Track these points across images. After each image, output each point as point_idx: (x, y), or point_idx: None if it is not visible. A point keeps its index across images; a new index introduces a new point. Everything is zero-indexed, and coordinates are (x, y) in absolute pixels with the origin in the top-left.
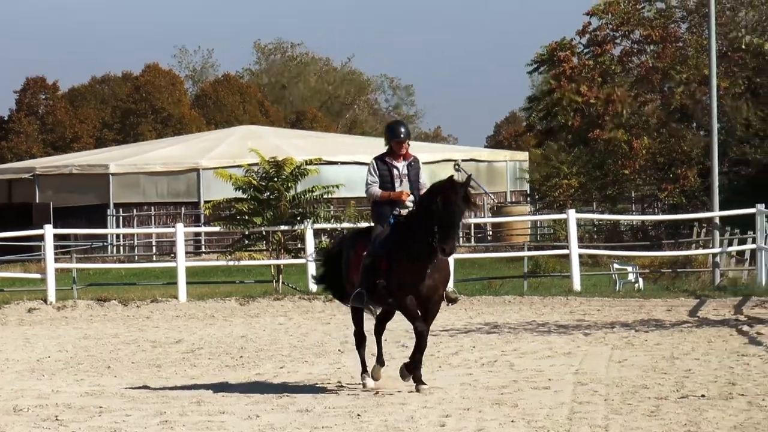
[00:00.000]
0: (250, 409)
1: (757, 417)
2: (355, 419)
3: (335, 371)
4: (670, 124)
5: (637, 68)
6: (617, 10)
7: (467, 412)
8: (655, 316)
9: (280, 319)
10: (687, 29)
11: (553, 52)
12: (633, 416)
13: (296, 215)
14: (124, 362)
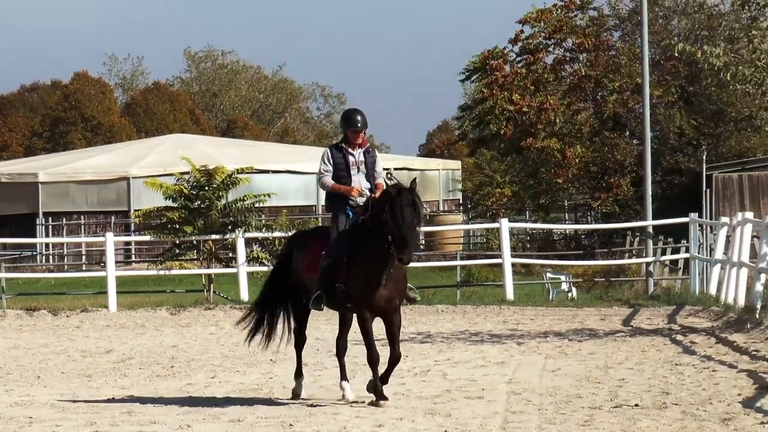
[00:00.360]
0: (182, 420)
1: (691, 426)
2: (287, 429)
3: (267, 381)
4: (603, 132)
5: (569, 76)
6: (549, 19)
7: (400, 422)
8: (589, 326)
9: (211, 328)
10: (620, 37)
11: (486, 61)
12: (567, 426)
13: (227, 224)
14: (54, 372)
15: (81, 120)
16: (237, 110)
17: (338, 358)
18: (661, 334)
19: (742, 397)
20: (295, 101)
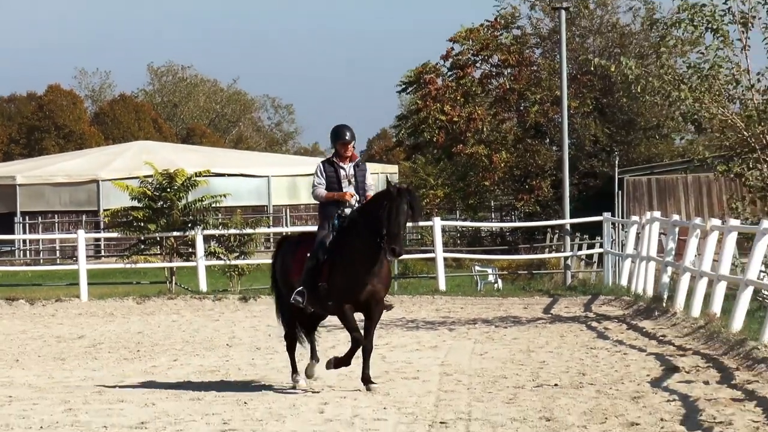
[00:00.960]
0: (147, 398)
1: (605, 404)
2: (242, 407)
3: (224, 363)
4: (526, 140)
5: (495, 89)
6: (477, 37)
7: (344, 400)
8: (513, 313)
9: (173, 316)
10: (540, 54)
11: (420, 75)
12: (493, 403)
13: (187, 222)
14: (31, 356)
15: (54, 128)
16: (195, 120)
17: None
18: (577, 321)
19: (650, 377)
20: (248, 111)
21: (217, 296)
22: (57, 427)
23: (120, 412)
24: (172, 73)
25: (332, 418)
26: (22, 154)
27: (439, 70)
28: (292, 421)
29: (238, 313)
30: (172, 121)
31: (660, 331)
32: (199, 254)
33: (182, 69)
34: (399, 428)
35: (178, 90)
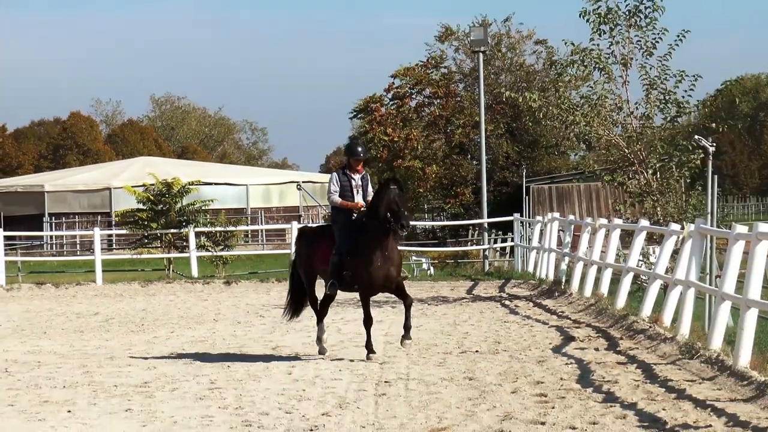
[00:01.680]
0: (149, 362)
1: (516, 366)
2: (226, 369)
3: (211, 335)
4: (452, 156)
5: (427, 116)
6: (413, 74)
7: (308, 364)
8: (442, 294)
9: (170, 297)
10: (463, 87)
11: (368, 104)
12: (427, 366)
13: (182, 221)
14: (56, 329)
15: (75, 146)
16: (188, 140)
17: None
18: (494, 300)
19: (552, 345)
20: (231, 133)
21: (206, 281)
22: (77, 386)
23: (128, 374)
24: (170, 102)
25: (298, 378)
26: (49, 167)
27: (382, 101)
28: (266, 381)
29: (222, 294)
30: (170, 141)
31: (559, 308)
32: (191, 247)
33: (178, 99)
34: (351, 386)
35: (175, 116)
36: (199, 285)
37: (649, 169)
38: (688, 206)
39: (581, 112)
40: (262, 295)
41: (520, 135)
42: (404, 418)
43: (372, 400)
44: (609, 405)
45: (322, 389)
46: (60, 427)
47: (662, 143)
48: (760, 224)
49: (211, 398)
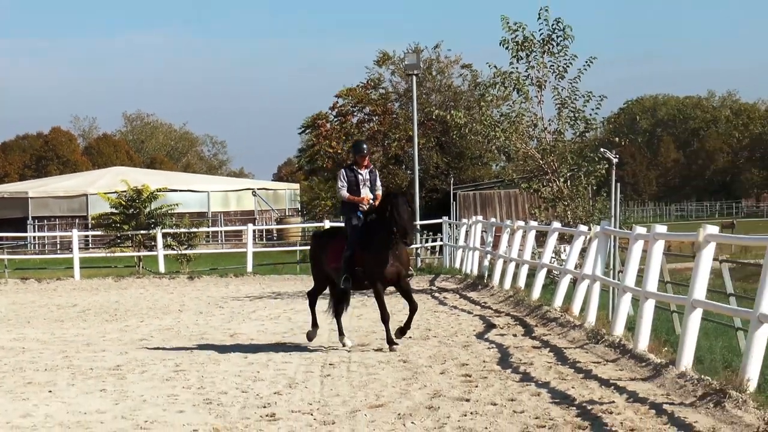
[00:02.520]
0: (122, 348)
1: (444, 350)
2: (189, 353)
3: (176, 324)
4: (389, 166)
5: (367, 131)
6: (355, 94)
7: (261, 349)
8: None
9: (140, 290)
10: (399, 106)
11: (314, 120)
12: (366, 350)
13: (150, 223)
14: (38, 319)
15: (56, 157)
16: (156, 151)
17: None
18: (425, 293)
19: (476, 332)
20: (194, 146)
21: (172, 276)
22: (57, 369)
23: (102, 358)
24: (140, 118)
25: (253, 361)
26: (33, 176)
27: (327, 117)
28: (225, 364)
29: (186, 288)
30: (140, 153)
31: (482, 300)
32: (159, 246)
33: (147, 116)
34: (300, 368)
35: (144, 131)
36: (166, 280)
37: (561, 178)
38: (594, 210)
39: (502, 128)
40: (221, 288)
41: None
42: (346, 396)
43: (318, 380)
44: (525, 384)
45: (274, 371)
46: (42, 405)
47: (572, 155)
48: (656, 226)
49: (176, 379)
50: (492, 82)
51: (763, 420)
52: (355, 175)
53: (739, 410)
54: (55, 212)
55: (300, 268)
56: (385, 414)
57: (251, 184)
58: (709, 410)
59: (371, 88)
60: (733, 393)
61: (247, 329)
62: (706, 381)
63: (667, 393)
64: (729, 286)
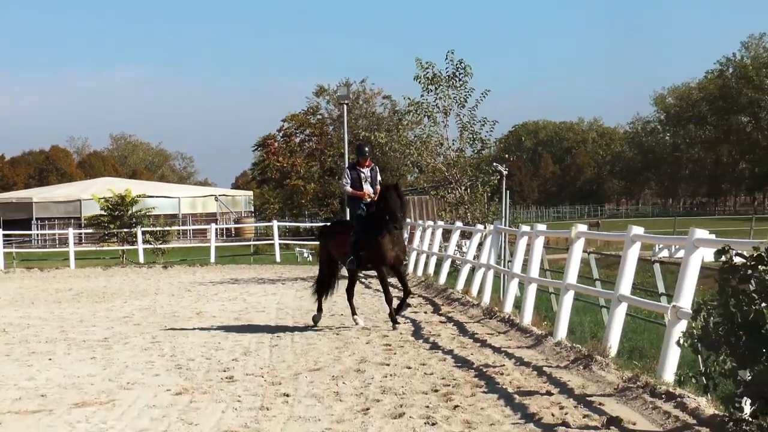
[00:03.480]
0: (108, 324)
1: (369, 324)
2: (164, 328)
3: (153, 304)
4: (325, 177)
5: (307, 149)
6: (297, 119)
7: (223, 324)
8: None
9: (124, 277)
10: (333, 129)
11: (265, 140)
12: (306, 324)
13: (132, 223)
14: (41, 300)
15: (55, 170)
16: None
17: (349, 301)
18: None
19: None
20: (168, 160)
21: (149, 265)
22: (56, 341)
23: (93, 332)
24: (124, 138)
25: (215, 334)
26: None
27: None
28: (193, 336)
29: (161, 275)
30: (124, 166)
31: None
32: (139, 241)
33: (129, 136)
34: (253, 340)
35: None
36: (145, 269)
37: (462, 186)
38: (489, 212)
39: (415, 146)
40: (190, 276)
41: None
42: (290, 361)
43: (267, 349)
44: (434, 351)
45: (232, 342)
46: (43, 371)
47: (471, 168)
48: (538, 225)
49: (153, 349)
50: (407, 110)
51: (621, 378)
52: (357, 173)
53: (603, 371)
54: (55, 214)
55: (253, 259)
56: (321, 376)
57: (214, 191)
58: (579, 371)
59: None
60: (598, 357)
61: (211, 308)
62: (577, 348)
63: (546, 358)
64: (595, 273)
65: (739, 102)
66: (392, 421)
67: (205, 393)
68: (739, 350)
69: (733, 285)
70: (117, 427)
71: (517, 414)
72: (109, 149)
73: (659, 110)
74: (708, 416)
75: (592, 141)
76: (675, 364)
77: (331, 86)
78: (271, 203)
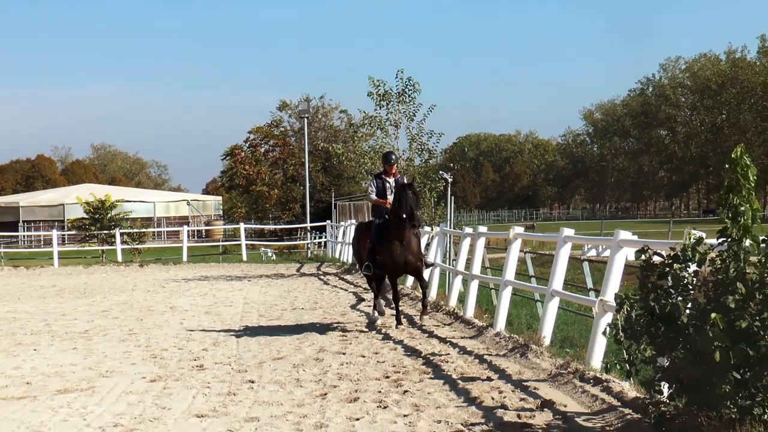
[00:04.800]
0: (88, 317)
1: (328, 317)
2: (139, 322)
3: (130, 299)
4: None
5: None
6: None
7: (194, 318)
8: (280, 272)
9: (104, 275)
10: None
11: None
12: (270, 318)
13: (111, 225)
14: (27, 296)
15: (40, 177)
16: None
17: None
18: (314, 276)
19: (350, 304)
20: (144, 168)
21: (127, 264)
22: (40, 333)
23: (74, 325)
24: (104, 148)
25: (187, 327)
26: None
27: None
28: (166, 328)
29: (138, 273)
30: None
31: (355, 281)
32: (117, 242)
33: (108, 146)
34: (222, 331)
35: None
36: (122, 267)
37: None
38: (436, 215)
39: (369, 156)
40: (164, 273)
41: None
42: (255, 351)
43: (234, 341)
44: (386, 342)
45: (202, 334)
46: (29, 360)
47: (420, 176)
48: (479, 227)
49: (129, 340)
50: (361, 123)
51: (554, 365)
52: (383, 182)
53: (538, 359)
54: (40, 217)
55: (222, 258)
56: (284, 364)
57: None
58: (516, 359)
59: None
60: (533, 346)
61: (183, 303)
62: (514, 338)
63: (487, 347)
64: (531, 270)
65: (658, 117)
66: (348, 405)
67: (177, 380)
68: (657, 339)
69: (652, 281)
70: (96, 411)
71: (460, 398)
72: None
73: (588, 124)
74: (631, 399)
75: (528, 151)
76: (602, 352)
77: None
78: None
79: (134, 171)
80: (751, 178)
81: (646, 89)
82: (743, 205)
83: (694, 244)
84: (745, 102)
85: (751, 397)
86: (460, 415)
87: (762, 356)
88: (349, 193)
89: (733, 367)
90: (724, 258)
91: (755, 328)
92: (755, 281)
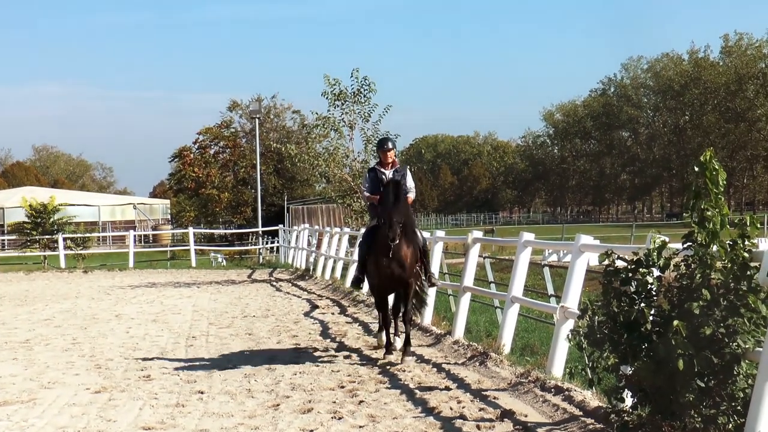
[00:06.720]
0: (30, 326)
1: (281, 325)
2: (84, 330)
3: (74, 307)
4: (238, 186)
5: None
6: (212, 132)
7: (140, 326)
8: (231, 278)
9: (45, 281)
10: (245, 141)
11: (181, 152)
12: (219, 326)
13: (54, 230)
14: None
15: None
16: (59, 175)
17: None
18: (266, 282)
19: (304, 311)
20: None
21: (70, 270)
22: None
23: (15, 334)
24: (46, 149)
25: (133, 336)
26: None
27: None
28: (111, 337)
29: (82, 279)
30: (46, 176)
31: (308, 287)
32: (60, 247)
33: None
34: (170, 341)
35: (49, 159)
36: (66, 273)
37: None
38: None
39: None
40: (109, 280)
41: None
42: (205, 360)
43: (183, 349)
44: (340, 351)
45: (149, 343)
46: None
47: None
48: (437, 231)
49: (73, 350)
50: (315, 124)
51: (514, 374)
52: (377, 174)
53: (497, 367)
54: None
55: (170, 264)
56: (234, 374)
57: (132, 200)
58: (476, 368)
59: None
60: (493, 355)
61: (129, 311)
62: (473, 346)
63: (445, 356)
64: (490, 276)
65: (620, 118)
66: (301, 416)
67: (123, 391)
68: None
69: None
70: (38, 424)
71: (418, 408)
72: (32, 159)
73: (548, 125)
74: (593, 408)
75: (487, 154)
76: (563, 360)
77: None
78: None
79: (78, 173)
80: (720, 183)
81: (608, 89)
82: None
83: (658, 249)
84: (708, 103)
85: (715, 405)
86: (418, 426)
87: (727, 364)
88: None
89: (697, 375)
90: (689, 263)
91: (720, 335)
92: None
